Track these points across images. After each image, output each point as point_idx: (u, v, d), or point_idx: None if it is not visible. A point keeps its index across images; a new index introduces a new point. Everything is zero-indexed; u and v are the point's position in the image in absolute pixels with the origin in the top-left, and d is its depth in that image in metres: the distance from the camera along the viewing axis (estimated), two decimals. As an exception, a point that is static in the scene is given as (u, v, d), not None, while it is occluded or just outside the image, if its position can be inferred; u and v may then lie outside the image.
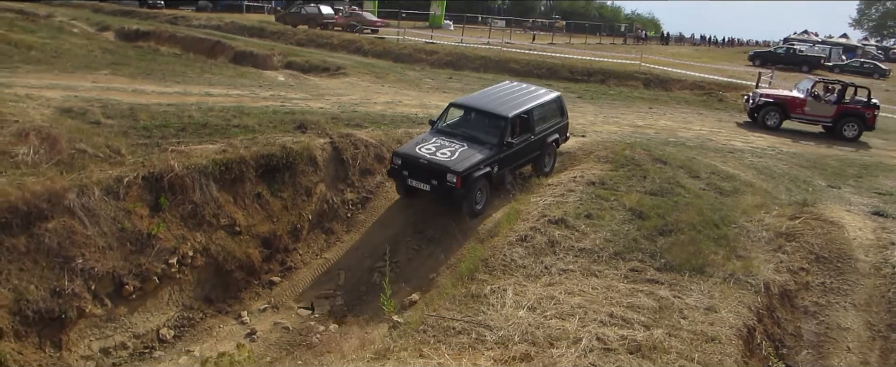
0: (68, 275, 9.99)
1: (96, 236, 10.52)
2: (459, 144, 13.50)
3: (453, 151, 13.22)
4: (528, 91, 15.63)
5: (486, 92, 15.76)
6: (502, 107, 14.34)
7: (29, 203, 10.07)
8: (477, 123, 14.21)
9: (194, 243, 11.46)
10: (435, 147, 13.35)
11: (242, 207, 12.44)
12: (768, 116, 23.48)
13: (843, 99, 23.57)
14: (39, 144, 11.48)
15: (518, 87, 16.03)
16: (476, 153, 13.29)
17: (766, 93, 24.36)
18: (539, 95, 15.48)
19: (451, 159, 12.97)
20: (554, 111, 15.50)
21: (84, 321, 10.02)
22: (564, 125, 15.89)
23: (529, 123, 14.47)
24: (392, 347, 7.59)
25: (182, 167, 11.87)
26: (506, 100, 14.74)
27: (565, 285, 9.59)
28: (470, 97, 15.60)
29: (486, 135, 13.84)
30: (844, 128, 23.45)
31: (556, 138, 15.49)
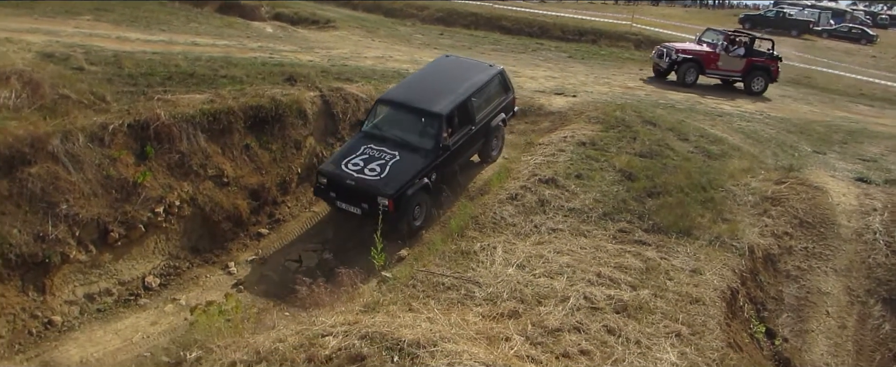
0: (52, 220, 9.88)
1: (81, 182, 10.39)
2: (390, 152, 11.97)
3: (383, 165, 11.76)
4: (465, 70, 14.01)
5: (419, 77, 14.14)
6: (435, 100, 12.65)
7: (11, 147, 9.91)
8: (408, 123, 12.62)
9: (181, 193, 11.36)
10: (363, 161, 11.85)
11: (230, 158, 12.31)
12: (688, 73, 22.22)
13: (752, 52, 22.78)
14: (21, 88, 11.23)
15: (455, 65, 14.49)
16: (409, 165, 11.79)
17: (683, 48, 22.77)
18: (478, 73, 13.85)
19: (380, 178, 11.52)
20: (497, 89, 14.02)
21: (68, 267, 9.96)
22: (510, 101, 14.44)
23: (468, 112, 12.94)
24: (381, 300, 7.61)
25: (169, 116, 11.70)
26: (439, 88, 13.07)
27: (554, 244, 9.63)
28: (398, 89, 13.60)
29: (420, 137, 12.34)
30: (753, 82, 22.75)
31: (503, 118, 14.12)
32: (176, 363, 6.59)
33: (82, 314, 9.91)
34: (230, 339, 6.79)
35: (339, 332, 6.33)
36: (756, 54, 22.80)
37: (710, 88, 22.34)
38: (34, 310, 9.49)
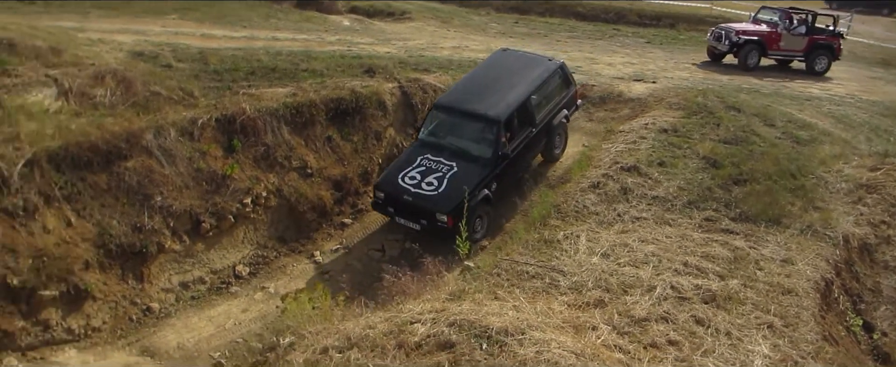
0: (148, 212, 10.32)
1: (173, 175, 10.80)
2: (448, 163, 11.61)
3: (441, 178, 11.41)
4: (522, 67, 13.34)
5: (474, 77, 13.39)
6: (491, 103, 12.13)
7: (109, 143, 10.36)
8: (464, 130, 12.22)
9: (267, 184, 11.68)
10: (420, 174, 11.55)
11: (314, 149, 12.58)
12: (750, 56, 20.73)
13: (813, 29, 21.20)
14: (115, 86, 11.72)
15: (512, 61, 13.75)
16: (467, 177, 11.38)
17: (743, 29, 21.09)
18: (536, 69, 13.18)
19: (438, 193, 11.22)
20: (557, 84, 13.39)
21: (164, 256, 10.39)
22: (573, 96, 13.84)
23: (528, 112, 12.42)
24: (467, 289, 7.65)
25: (254, 110, 12.03)
26: (495, 90, 12.53)
27: (638, 232, 9.50)
28: (453, 93, 12.98)
29: (477, 145, 11.91)
30: (815, 61, 21.26)
31: (566, 115, 13.53)
32: (269, 348, 6.78)
33: (178, 301, 10.32)
34: (320, 325, 6.95)
35: (427, 319, 6.40)
36: (818, 32, 21.35)
37: (794, 72, 21.49)
38: (134, 297, 9.93)
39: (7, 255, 8.96)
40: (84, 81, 11.38)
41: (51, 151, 9.75)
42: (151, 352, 9.35)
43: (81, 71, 11.65)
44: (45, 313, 9.17)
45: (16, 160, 9.38)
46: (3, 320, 8.81)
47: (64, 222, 9.66)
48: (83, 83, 11.33)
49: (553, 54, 19.05)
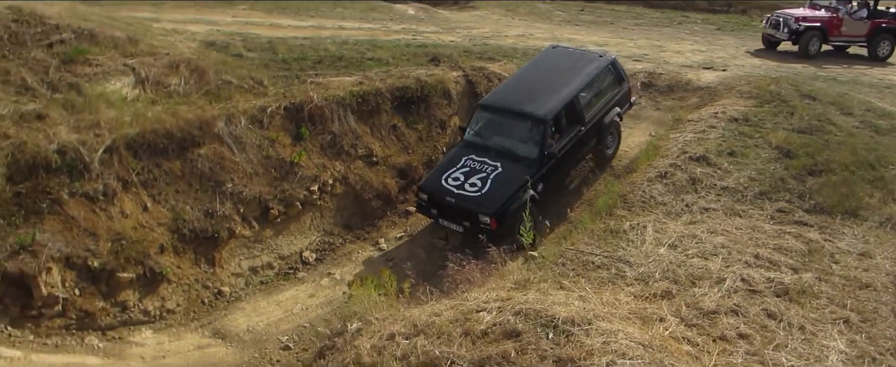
0: (219, 198, 10.60)
1: (244, 162, 11.06)
2: (492, 164, 11.33)
3: (485, 179, 11.12)
4: (572, 63, 12.87)
5: (523, 75, 13.05)
6: (538, 102, 11.76)
7: (183, 130, 10.68)
8: (510, 130, 11.89)
9: (334, 172, 11.85)
10: (463, 175, 11.27)
11: (379, 138, 12.71)
12: (811, 43, 19.57)
13: (876, 13, 19.87)
14: (189, 75, 12.05)
15: (562, 57, 13.28)
16: (512, 177, 11.08)
17: (803, 16, 19.89)
18: (587, 65, 12.73)
19: (481, 194, 10.93)
20: (609, 81, 12.88)
21: (234, 241, 10.66)
22: (626, 93, 13.25)
23: (577, 111, 12.00)
24: (531, 278, 7.63)
25: (321, 99, 12.21)
26: (543, 88, 12.11)
27: (707, 223, 9.31)
28: (499, 91, 12.75)
29: (523, 145, 11.56)
30: (878, 46, 19.99)
31: (618, 113, 12.90)
32: (337, 333, 6.90)
33: (247, 285, 10.58)
34: (387, 312, 7.04)
35: (493, 308, 6.42)
36: (880, 15, 20.16)
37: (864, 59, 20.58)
38: (206, 281, 10.23)
39: (88, 238, 9.34)
40: (159, 70, 11.73)
41: (129, 138, 10.11)
42: (222, 334, 9.62)
43: (157, 60, 12.01)
44: (123, 294, 9.53)
45: (96, 147, 9.76)
46: (84, 301, 9.19)
47: (141, 207, 10.01)
48: (159, 72, 11.69)
49: (619, 42, 18.91)
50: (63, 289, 9.05)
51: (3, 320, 8.68)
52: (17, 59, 10.82)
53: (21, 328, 8.75)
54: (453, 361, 5.54)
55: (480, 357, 5.54)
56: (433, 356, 5.66)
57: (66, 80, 10.81)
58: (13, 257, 8.72)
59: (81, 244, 9.26)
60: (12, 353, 8.22)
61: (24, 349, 8.41)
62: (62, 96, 10.49)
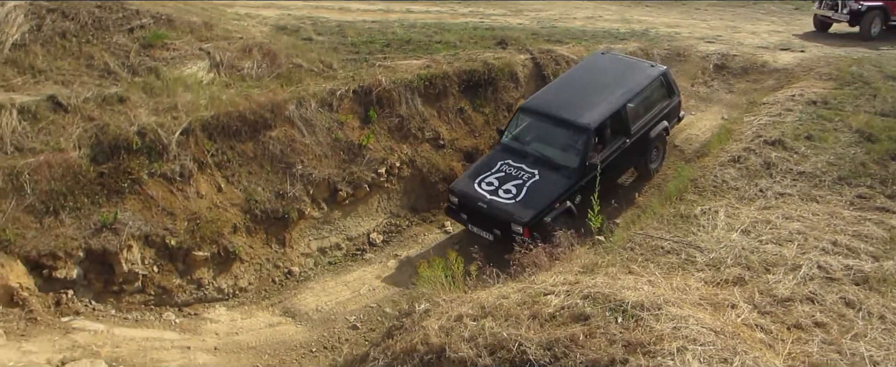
0: (290, 179, 10.84)
1: (313, 144, 11.26)
2: (529, 171, 10.79)
3: (520, 186, 10.59)
4: (621, 71, 12.20)
5: (568, 80, 12.40)
6: (583, 109, 11.16)
7: (256, 113, 10.93)
8: (551, 136, 11.31)
9: (401, 155, 11.96)
10: (498, 180, 10.76)
11: (446, 121, 12.75)
12: (874, 23, 18.17)
13: None
14: (261, 58, 12.31)
15: (610, 65, 12.57)
16: (549, 186, 10.55)
17: None
18: (636, 75, 12.07)
19: (515, 202, 10.38)
20: (659, 93, 12.14)
21: (304, 222, 10.88)
22: (675, 106, 12.47)
23: (623, 121, 11.38)
24: (599, 263, 7.56)
25: (389, 82, 12.31)
26: (589, 95, 11.55)
27: (782, 209, 9.05)
28: (543, 95, 12.07)
29: (563, 154, 10.98)
30: None
31: (666, 127, 12.23)
32: (404, 314, 6.98)
33: (316, 265, 10.80)
34: (454, 294, 7.08)
35: (561, 291, 6.39)
36: None
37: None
38: (276, 261, 10.48)
39: (166, 217, 9.68)
40: (233, 54, 12.03)
41: (204, 121, 10.41)
42: (292, 313, 9.85)
43: (231, 44, 12.31)
44: (198, 272, 9.85)
45: (174, 129, 10.08)
46: (162, 278, 9.54)
47: (215, 188, 10.31)
48: (232, 56, 11.98)
49: (691, 24, 18.45)
50: (142, 266, 9.41)
51: (88, 294, 9.09)
52: (101, 44, 11.25)
53: (104, 303, 9.14)
54: (521, 343, 5.55)
55: (548, 340, 5.53)
56: (501, 338, 5.68)
57: (146, 64, 11.19)
58: (97, 235, 9.11)
59: (159, 223, 9.61)
60: (96, 326, 8.60)
61: (107, 323, 8.79)
62: (142, 80, 10.87)
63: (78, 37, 11.26)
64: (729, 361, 5.30)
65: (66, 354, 7.74)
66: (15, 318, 8.25)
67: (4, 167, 9.00)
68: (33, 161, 9.18)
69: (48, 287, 8.81)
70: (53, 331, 8.29)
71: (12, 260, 8.56)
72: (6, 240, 8.59)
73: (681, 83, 14.67)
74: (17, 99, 9.83)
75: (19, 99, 9.84)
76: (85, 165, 9.45)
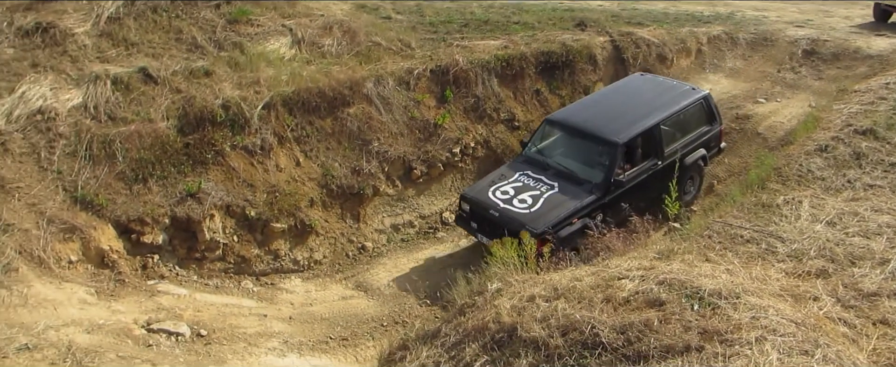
0: (366, 156, 11.01)
1: (390, 122, 11.39)
2: (549, 183, 10.16)
3: (537, 197, 9.94)
4: (659, 92, 11.45)
5: (601, 97, 11.94)
6: (612, 124, 10.53)
7: (335, 90, 11.11)
8: (576, 150, 10.71)
9: (476, 135, 11.98)
10: (514, 189, 10.15)
11: (521, 102, 12.70)
12: None
13: None
14: (341, 36, 12.48)
15: (648, 85, 11.80)
16: (568, 200, 9.85)
17: None
18: (675, 97, 11.23)
19: (529, 212, 9.73)
20: (698, 118, 11.25)
21: (378, 199, 11.04)
22: (716, 135, 11.57)
23: (655, 143, 10.64)
24: (675, 249, 7.44)
25: (466, 62, 12.32)
26: (622, 111, 10.93)
27: (872, 201, 8.68)
28: (572, 108, 11.63)
29: (587, 168, 10.33)
30: None
31: (703, 155, 11.33)
32: (477, 292, 7.02)
33: (389, 242, 10.96)
34: (527, 275, 7.08)
35: (636, 276, 6.31)
36: None
37: None
38: (350, 236, 10.68)
39: (246, 189, 9.97)
40: (314, 31, 12.23)
41: (285, 96, 10.66)
42: (365, 287, 10.04)
43: (312, 21, 12.51)
44: (275, 244, 10.12)
45: (256, 103, 10.35)
46: (242, 247, 9.85)
47: (294, 162, 10.56)
48: (314, 33, 12.18)
49: (780, 7, 17.81)
50: (223, 235, 9.74)
51: (172, 260, 9.46)
52: (189, 19, 11.60)
53: (187, 269, 9.51)
54: (594, 325, 5.51)
55: (622, 324, 5.47)
56: (574, 320, 5.65)
57: (231, 39, 11.50)
58: (181, 203, 9.47)
59: (240, 194, 9.91)
60: (179, 290, 8.96)
61: (189, 288, 9.14)
62: (227, 54, 11.18)
63: (168, 12, 11.65)
64: (810, 353, 5.14)
65: (152, 315, 8.09)
66: (105, 279, 8.67)
67: (99, 135, 9.43)
68: (125, 130, 9.58)
69: (136, 251, 9.22)
70: (140, 293, 8.67)
71: (104, 224, 8.98)
72: (99, 205, 9.01)
73: (767, 69, 14.26)
74: (111, 70, 10.26)
75: (113, 70, 10.27)
76: (172, 135, 9.81)
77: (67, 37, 10.65)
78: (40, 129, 9.38)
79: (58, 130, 9.40)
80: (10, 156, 9.02)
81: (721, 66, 14.66)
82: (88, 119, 9.64)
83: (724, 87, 13.92)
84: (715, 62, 14.72)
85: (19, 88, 9.65)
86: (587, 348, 5.40)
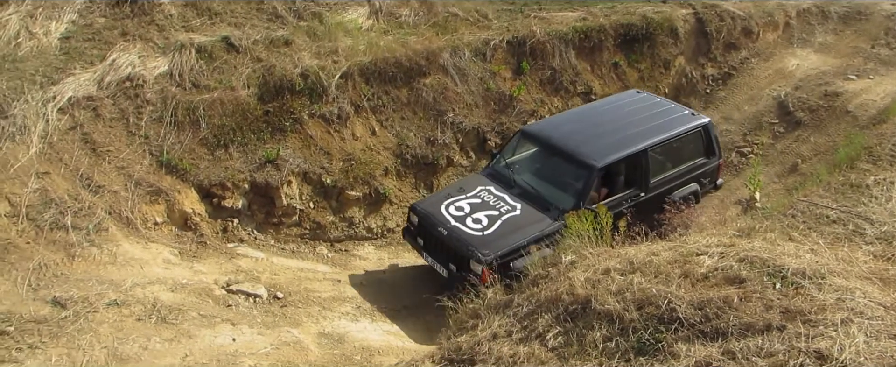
0: (441, 127, 11.04)
1: (465, 93, 11.37)
2: (512, 203, 8.85)
3: (494, 218, 8.65)
4: (654, 114, 9.95)
5: (587, 112, 10.56)
6: (593, 145, 9.13)
7: (411, 60, 11.13)
8: (549, 169, 9.41)
9: (551, 108, 11.87)
10: (470, 206, 8.87)
11: (599, 75, 12.50)
12: None
13: None
14: (419, 6, 12.47)
15: (643, 105, 10.28)
16: (528, 226, 8.50)
17: None
18: (671, 122, 9.75)
19: (482, 234, 8.42)
20: (693, 149, 9.78)
21: (452, 170, 11.10)
22: (713, 168, 10.04)
23: (640, 171, 9.21)
24: (756, 227, 7.22)
25: (543, 33, 12.17)
26: (607, 131, 9.56)
27: (971, 184, 8.26)
28: (551, 121, 10.49)
29: (558, 191, 8.93)
30: None
31: (695, 191, 9.82)
32: (551, 264, 6.98)
33: (461, 213, 10.97)
34: (601, 248, 7.00)
35: (715, 253, 6.16)
36: None
37: None
38: (423, 205, 10.74)
39: (323, 157, 10.14)
40: (392, 2, 12.28)
41: (362, 66, 10.74)
42: (436, 257, 10.08)
43: (389, -9, 12.54)
44: (350, 211, 10.29)
45: (334, 72, 10.48)
46: (317, 214, 10.05)
47: (369, 131, 10.66)
48: (391, 3, 12.22)
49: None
50: (300, 201, 9.94)
51: (251, 224, 9.72)
52: (269, -12, 11.78)
53: (264, 233, 9.76)
54: (671, 300, 5.40)
55: (700, 300, 5.35)
56: (650, 294, 5.56)
57: (310, 9, 11.63)
58: (260, 169, 9.69)
59: (317, 162, 10.08)
60: (257, 254, 9.20)
61: (266, 252, 9.37)
62: (306, 24, 11.32)
63: (250, -18, 11.87)
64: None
65: (231, 277, 8.33)
66: (188, 240, 8.97)
67: (183, 102, 9.71)
68: (208, 97, 9.83)
69: (216, 215, 9.50)
70: (220, 255, 8.95)
71: (187, 188, 9.28)
72: (183, 169, 9.30)
73: (859, 44, 13.63)
74: (195, 39, 10.52)
75: (197, 39, 10.52)
76: (252, 103, 10.02)
77: (155, 7, 10.96)
78: (129, 95, 9.70)
79: (145, 96, 9.71)
80: (102, 121, 9.37)
81: (810, 40, 14.06)
82: (174, 86, 9.92)
83: (813, 62, 13.37)
84: (803, 37, 14.14)
85: (110, 56, 9.99)
86: (663, 322, 5.31)
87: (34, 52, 9.87)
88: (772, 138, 11.96)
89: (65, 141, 8.93)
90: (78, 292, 7.15)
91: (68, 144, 8.93)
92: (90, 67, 9.78)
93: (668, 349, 5.07)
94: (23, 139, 8.66)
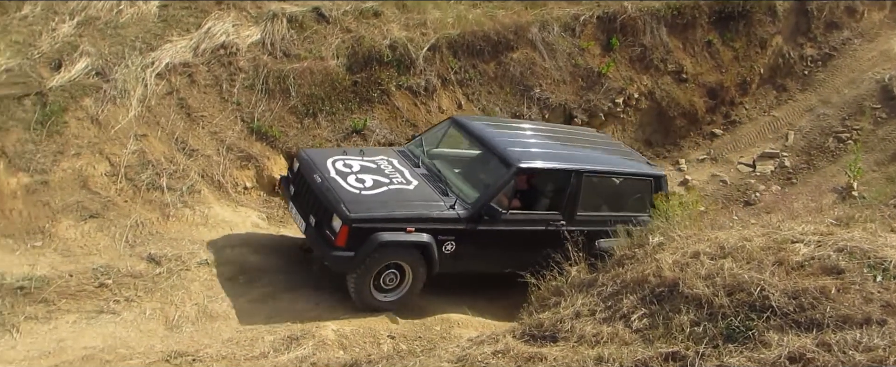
0: (527, 102, 10.99)
1: (552, 69, 11.25)
2: (409, 178, 7.73)
3: (380, 183, 7.50)
4: (613, 149, 9.07)
5: (534, 124, 9.76)
6: (524, 148, 7.99)
7: (499, 34, 11.06)
8: (467, 161, 8.51)
9: (640, 86, 11.64)
10: (361, 167, 7.74)
11: (691, 54, 12.17)
12: None
13: None
14: (509, -21, 12.35)
15: (606, 141, 9.38)
16: (416, 201, 7.39)
17: None
18: (626, 160, 8.73)
19: (359, 193, 7.25)
20: (639, 199, 8.25)
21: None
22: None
23: (570, 197, 7.83)
24: (856, 216, 6.93)
25: (635, 9, 11.94)
26: (551, 144, 8.64)
27: None
28: (490, 119, 9.76)
29: (465, 183, 7.81)
30: None
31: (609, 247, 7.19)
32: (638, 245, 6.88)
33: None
34: (690, 231, 6.85)
35: (811, 241, 5.94)
36: None
37: None
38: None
39: (409, 128, 10.22)
40: (481, -25, 12.15)
41: (450, 39, 10.74)
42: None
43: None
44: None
45: (422, 45, 10.51)
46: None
47: (455, 104, 10.69)
48: (481, -24, 12.11)
49: None
50: (387, 172, 10.05)
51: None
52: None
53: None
54: (764, 288, 5.25)
55: (795, 289, 5.18)
56: (741, 280, 5.42)
57: (400, -20, 11.66)
58: (347, 139, 9.86)
59: (403, 133, 10.17)
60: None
61: (351, 220, 9.53)
62: (396, -4, 11.37)
63: (341, -47, 11.97)
64: None
65: (314, 242, 8.54)
66: (275, 206, 9.23)
67: (274, 71, 9.92)
68: (298, 66, 10.02)
69: (304, 182, 9.72)
70: (305, 221, 9.16)
71: (276, 154, 9.52)
72: (272, 136, 9.54)
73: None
74: (286, 9, 10.70)
75: (289, 9, 10.70)
76: (341, 73, 10.15)
77: (249, -24, 11.21)
78: (223, 62, 9.97)
79: (238, 64, 9.96)
80: (197, 87, 9.67)
81: (920, 21, 13.36)
82: (265, 55, 10.13)
83: (922, 45, 12.71)
84: (913, 17, 13.44)
85: (205, 24, 10.25)
86: (754, 310, 5.17)
87: (134, 20, 10.21)
88: (873, 124, 11.42)
89: (162, 105, 9.26)
90: (171, 250, 7.49)
91: (165, 109, 9.25)
92: (186, 35, 10.07)
93: (758, 337, 4.93)
94: (123, 102, 9.01)
